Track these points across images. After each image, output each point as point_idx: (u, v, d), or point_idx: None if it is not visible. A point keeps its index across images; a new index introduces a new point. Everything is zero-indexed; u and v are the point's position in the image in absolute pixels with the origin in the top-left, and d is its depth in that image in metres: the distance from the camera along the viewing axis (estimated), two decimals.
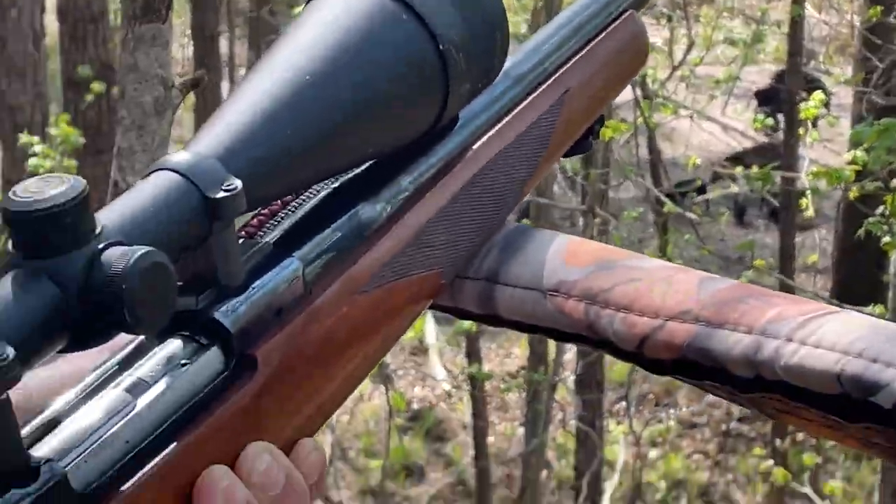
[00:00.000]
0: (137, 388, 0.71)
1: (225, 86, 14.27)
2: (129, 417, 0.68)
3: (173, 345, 0.75)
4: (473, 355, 10.86)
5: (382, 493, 12.26)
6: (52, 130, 6.91)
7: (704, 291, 0.83)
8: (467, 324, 9.41)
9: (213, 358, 0.74)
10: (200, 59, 12.68)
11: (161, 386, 0.71)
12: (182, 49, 14.61)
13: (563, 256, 0.88)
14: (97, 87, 7.81)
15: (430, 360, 13.64)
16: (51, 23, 9.46)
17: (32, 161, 6.47)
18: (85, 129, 7.05)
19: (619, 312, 0.85)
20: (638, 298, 0.84)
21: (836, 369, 0.77)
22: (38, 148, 6.58)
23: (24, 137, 6.71)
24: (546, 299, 0.87)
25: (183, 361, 0.74)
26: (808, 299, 0.84)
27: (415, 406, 13.45)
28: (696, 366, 0.83)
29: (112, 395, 0.70)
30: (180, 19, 13.16)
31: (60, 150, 6.55)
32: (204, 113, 12.37)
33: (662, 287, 0.84)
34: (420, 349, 13.54)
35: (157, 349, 0.74)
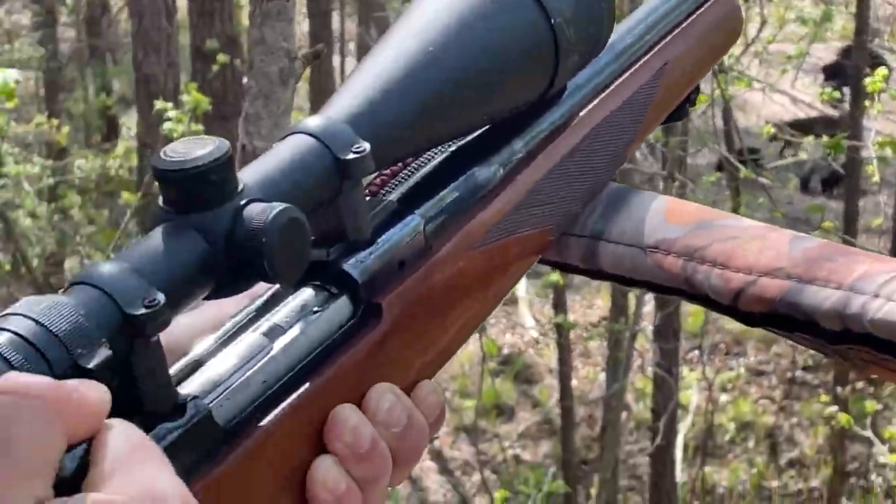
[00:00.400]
0: (274, 333, 0.72)
1: (336, 59, 14.45)
2: (266, 359, 0.69)
3: (306, 293, 0.75)
4: (560, 306, 10.97)
5: (475, 431, 12.38)
6: (184, 97, 7.03)
7: (795, 249, 0.82)
8: (555, 277, 9.55)
9: (342, 306, 0.74)
10: (315, 34, 12.85)
11: (295, 331, 0.72)
12: (298, 25, 14.89)
13: (664, 216, 0.87)
14: (222, 58, 7.98)
15: (520, 310, 13.82)
16: (181, 0, 9.63)
17: (167, 125, 6.64)
18: (212, 96, 7.18)
19: (715, 268, 0.83)
20: (733, 255, 0.83)
21: None
22: (171, 113, 6.72)
23: (159, 104, 6.87)
24: (646, 255, 0.85)
25: (315, 309, 0.75)
26: (892, 258, 0.80)
27: (505, 351, 13.61)
28: (787, 319, 0.81)
29: (251, 338, 0.72)
30: None
31: (189, 115, 6.69)
32: (317, 83, 12.53)
33: (756, 245, 0.83)
34: (511, 300, 13.65)
35: (291, 297, 0.75)
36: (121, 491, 0.50)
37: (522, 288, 13.45)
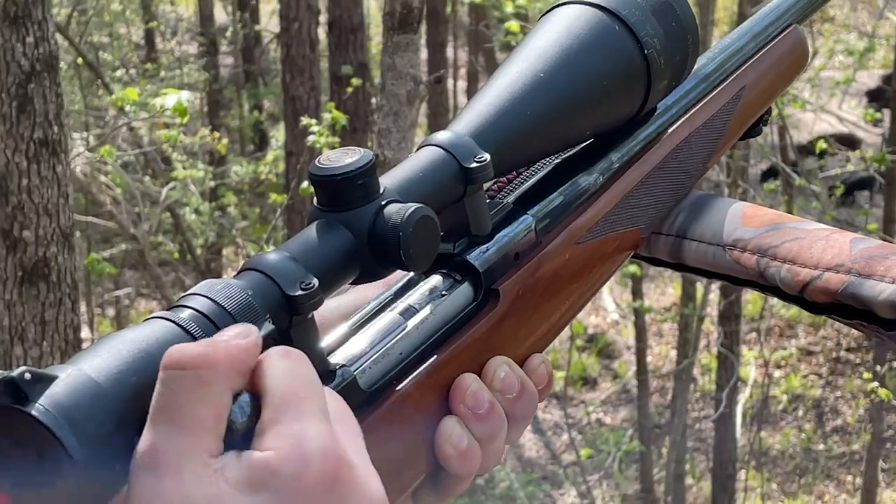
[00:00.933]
0: (408, 313, 0.72)
1: (451, 83, 14.40)
2: (401, 335, 0.70)
3: (435, 280, 0.76)
4: (637, 293, 10.89)
5: (564, 397, 12.31)
6: (324, 115, 7.06)
7: (856, 248, 0.81)
8: (633, 268, 9.45)
9: (465, 291, 0.75)
10: (433, 62, 12.80)
11: (426, 311, 0.72)
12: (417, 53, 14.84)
13: (740, 218, 0.87)
14: (355, 81, 7.98)
15: (603, 296, 13.68)
16: (322, 33, 9.66)
17: (310, 138, 6.62)
18: (346, 113, 7.20)
19: (784, 264, 0.83)
20: (801, 253, 0.83)
21: None
22: (314, 128, 6.70)
23: (304, 120, 6.87)
24: (725, 252, 0.85)
25: (442, 293, 0.75)
26: None
27: (590, 331, 13.53)
28: (847, 308, 0.80)
29: (388, 317, 0.72)
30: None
31: (329, 130, 6.70)
32: (435, 103, 12.50)
33: (821, 244, 0.82)
34: None
35: (422, 283, 0.76)
36: (273, 446, 0.50)
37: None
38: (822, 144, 9.16)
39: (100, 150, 7.84)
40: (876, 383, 8.91)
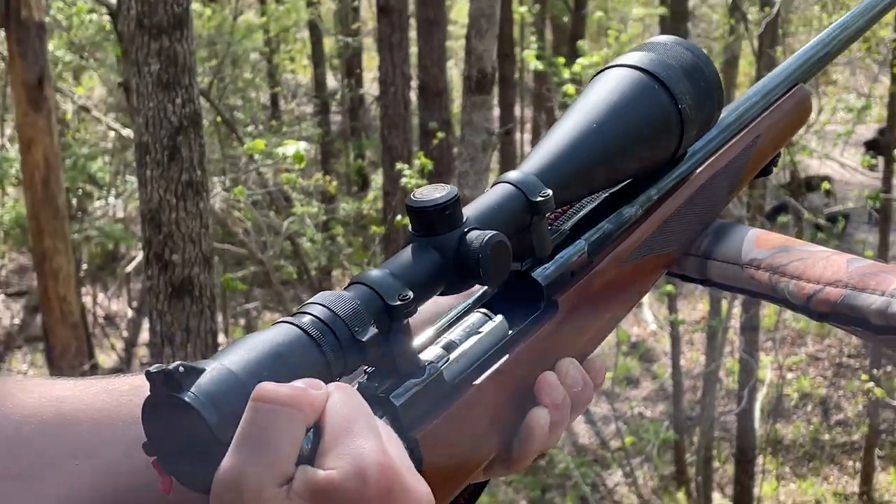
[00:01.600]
0: (486, 317, 0.71)
1: (518, 135, 14.44)
2: (478, 337, 0.69)
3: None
4: (672, 308, 10.82)
5: (612, 394, 12.26)
6: (415, 161, 7.12)
7: (851, 267, 0.81)
8: (669, 287, 9.42)
9: (530, 302, 0.74)
10: (503, 117, 12.84)
11: (499, 318, 0.72)
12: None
13: (755, 242, 0.87)
14: (440, 134, 8.07)
15: (644, 310, 13.64)
16: (413, 95, 9.74)
17: (403, 180, 6.70)
18: (432, 160, 7.25)
19: (792, 280, 0.83)
20: (805, 271, 0.82)
21: None
22: (406, 172, 6.76)
23: (399, 165, 6.95)
24: (743, 270, 0.85)
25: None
26: None
27: (633, 339, 13.46)
28: (845, 316, 0.79)
29: (471, 318, 0.71)
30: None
31: (419, 173, 6.76)
32: (505, 150, 12.55)
33: (822, 263, 0.82)
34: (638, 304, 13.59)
35: (496, 294, 0.75)
36: (335, 466, 0.50)
37: (646, 296, 13.40)
38: (826, 186, 9.07)
39: (234, 190, 7.95)
40: (872, 384, 8.82)
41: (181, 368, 0.54)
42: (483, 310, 0.72)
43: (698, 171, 0.85)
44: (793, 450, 11.71)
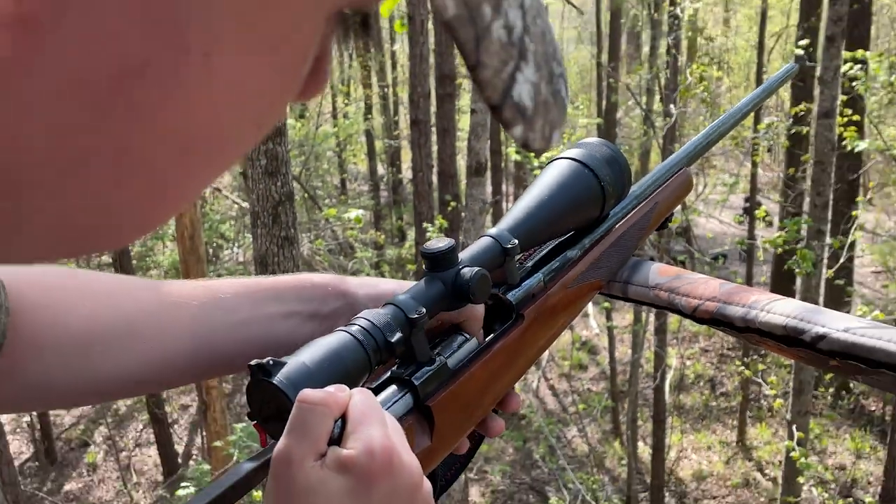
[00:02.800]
0: (465, 337, 0.69)
1: (504, 204, 14.50)
2: (470, 341, 0.68)
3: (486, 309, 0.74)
4: (609, 317, 10.76)
5: (570, 376, 12.23)
6: (436, 222, 7.12)
7: (723, 288, 0.80)
8: (606, 304, 9.39)
9: (505, 315, 0.72)
10: (494, 192, 12.88)
11: (474, 338, 0.70)
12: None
13: (658, 272, 0.85)
14: (452, 204, 8.12)
15: (590, 319, 13.57)
16: (435, 177, 9.83)
17: (427, 234, 6.74)
18: (446, 220, 7.27)
19: (683, 297, 0.82)
20: (692, 290, 0.81)
21: (784, 322, 0.73)
22: (430, 229, 6.79)
23: (425, 225, 6.99)
24: (651, 291, 0.84)
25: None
26: (770, 293, 0.80)
27: (583, 339, 13.40)
28: (719, 322, 0.78)
29: (456, 336, 0.69)
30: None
31: (438, 229, 6.78)
32: (496, 214, 12.56)
33: (703, 286, 0.81)
34: (585, 315, 13.48)
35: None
36: (353, 447, 0.49)
37: (591, 309, 13.28)
38: (710, 235, 9.04)
39: (315, 242, 7.98)
40: (743, 367, 8.75)
41: (271, 362, 0.54)
42: (464, 333, 0.69)
43: (617, 226, 0.83)
44: (691, 412, 11.63)
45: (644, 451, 10.15)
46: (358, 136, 16.19)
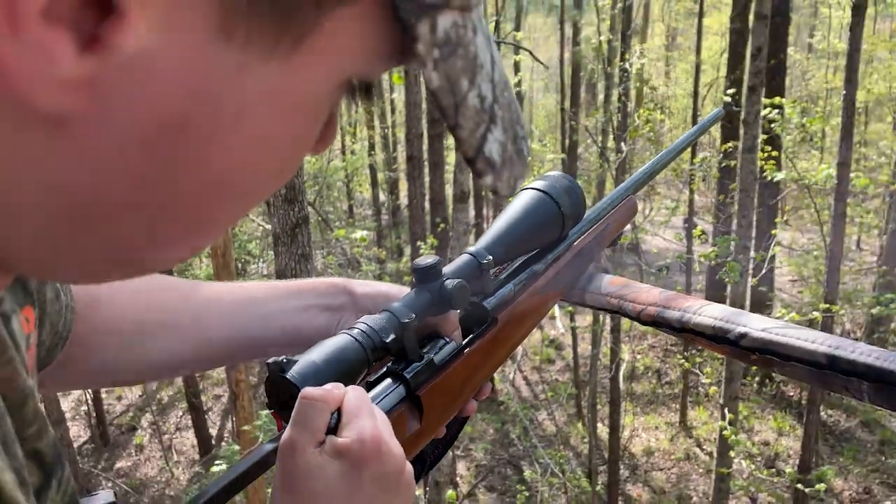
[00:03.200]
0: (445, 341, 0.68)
1: (485, 226, 14.49)
2: (444, 346, 0.66)
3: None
4: (572, 319, 10.72)
5: (540, 369, 12.16)
6: (428, 240, 7.07)
7: (662, 295, 0.80)
8: (570, 308, 9.36)
9: (482, 319, 0.71)
10: (477, 215, 12.83)
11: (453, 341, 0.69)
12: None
13: (610, 282, 0.85)
14: (442, 226, 8.08)
15: (557, 321, 13.53)
16: (427, 203, 9.84)
17: (421, 251, 6.68)
18: (437, 239, 7.22)
19: (630, 303, 0.81)
20: (637, 297, 0.81)
21: (712, 323, 0.73)
22: (423, 247, 6.75)
23: (419, 243, 6.93)
24: (604, 297, 0.84)
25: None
26: (703, 298, 0.79)
27: (551, 337, 13.34)
28: (660, 323, 0.78)
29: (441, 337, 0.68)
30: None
31: (430, 247, 6.73)
32: (477, 235, 12.56)
33: (646, 293, 0.81)
34: (552, 316, 13.44)
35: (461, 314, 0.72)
36: (347, 436, 0.48)
37: (558, 313, 13.24)
38: (655, 250, 9.05)
39: (327, 258, 7.94)
40: (684, 360, 8.74)
41: (285, 359, 0.54)
42: (445, 338, 0.67)
43: (575, 243, 0.83)
44: (641, 398, 11.60)
45: (602, 430, 10.12)
46: (363, 169, 16.16)
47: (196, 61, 0.26)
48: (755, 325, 0.71)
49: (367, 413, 0.50)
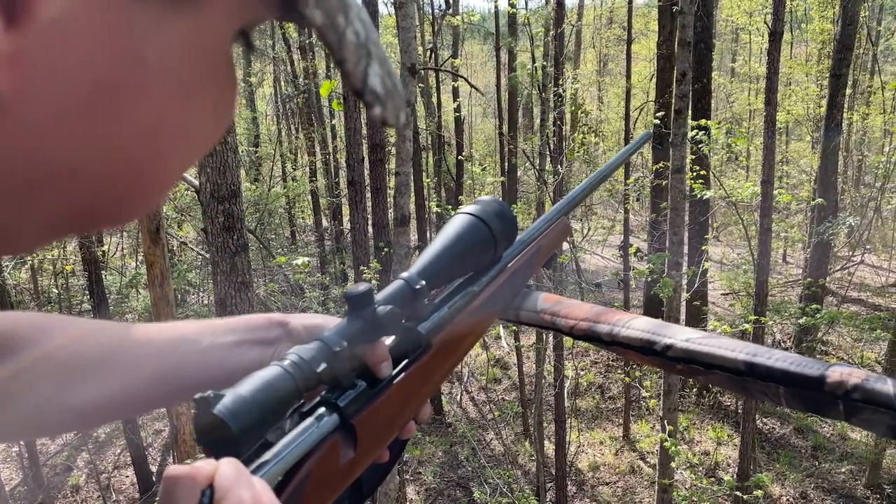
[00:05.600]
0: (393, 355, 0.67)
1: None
2: (378, 372, 0.64)
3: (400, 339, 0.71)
4: (517, 338, 10.80)
5: (487, 388, 12.17)
6: (371, 265, 7.02)
7: (593, 310, 0.81)
8: (514, 327, 9.43)
9: (418, 343, 0.69)
10: (420, 239, 12.82)
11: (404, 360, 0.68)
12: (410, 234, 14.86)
13: (543, 299, 0.86)
14: (386, 249, 8.04)
15: (502, 341, 13.58)
16: (370, 228, 9.78)
17: (365, 276, 6.63)
18: (380, 263, 7.18)
19: (562, 318, 0.82)
20: (570, 313, 0.82)
21: (640, 336, 0.75)
22: (366, 271, 6.71)
23: (362, 268, 6.87)
24: (538, 315, 0.84)
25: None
26: (632, 313, 0.80)
27: (497, 356, 13.37)
28: (590, 337, 0.79)
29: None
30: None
31: (373, 272, 6.65)
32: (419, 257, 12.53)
33: (577, 309, 0.82)
34: (497, 336, 13.48)
35: (394, 342, 0.69)
36: None
37: (503, 332, 13.30)
38: (593, 269, 9.22)
39: (269, 286, 7.80)
40: (626, 376, 8.88)
41: (213, 394, 0.52)
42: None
43: (509, 265, 0.82)
44: (586, 414, 11.72)
45: (549, 448, 10.17)
46: (305, 195, 16.03)
47: (114, 20, 0.27)
48: (679, 337, 0.73)
49: (243, 484, 0.46)
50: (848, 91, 13.15)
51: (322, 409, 0.60)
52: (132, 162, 0.31)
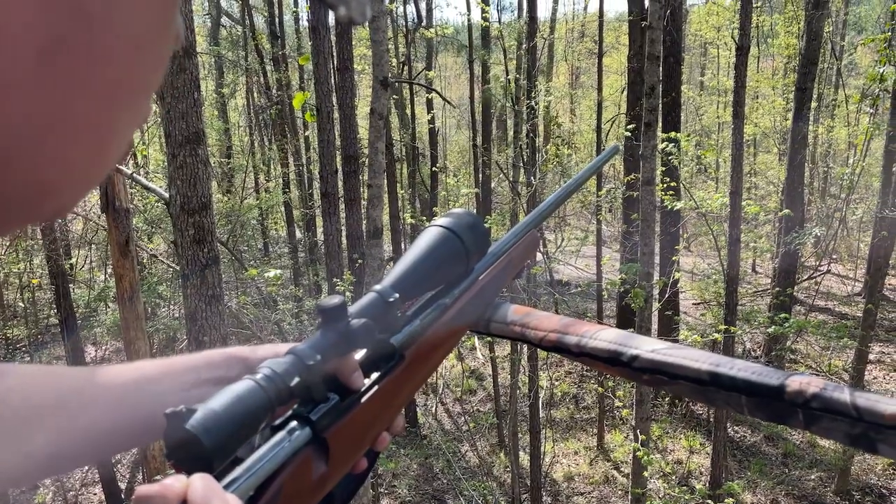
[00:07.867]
0: (365, 367, 0.67)
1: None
2: (351, 385, 0.64)
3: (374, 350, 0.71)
4: (491, 349, 10.81)
5: (462, 400, 12.14)
6: (345, 277, 6.98)
7: (562, 322, 0.81)
8: (489, 339, 9.45)
9: (391, 355, 0.70)
10: (394, 252, 12.79)
11: (374, 374, 0.68)
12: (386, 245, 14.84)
13: (513, 311, 0.86)
14: (360, 261, 8.02)
15: (477, 352, 13.58)
16: (344, 240, 9.74)
17: (338, 288, 6.60)
18: (353, 275, 7.14)
19: (531, 330, 0.82)
20: (539, 324, 0.82)
21: (607, 347, 0.75)
22: (340, 284, 6.68)
23: (336, 280, 6.81)
24: (508, 326, 0.84)
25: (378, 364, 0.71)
26: (601, 324, 0.82)
27: (472, 367, 13.36)
28: (559, 349, 0.79)
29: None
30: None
31: (347, 284, 6.64)
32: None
33: (547, 320, 0.82)
34: (472, 347, 13.48)
35: (366, 353, 0.70)
36: None
37: (478, 343, 13.31)
38: (565, 279, 9.27)
39: (241, 298, 7.73)
40: (598, 385, 8.94)
41: (184, 409, 0.51)
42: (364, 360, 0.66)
43: (480, 278, 0.83)
44: (560, 424, 11.74)
45: (524, 458, 10.18)
46: (278, 207, 15.92)
47: None
48: (645, 347, 0.75)
49: (217, 499, 0.46)
50: (813, 104, 13.46)
51: (294, 423, 0.60)
52: (91, 122, 0.30)
